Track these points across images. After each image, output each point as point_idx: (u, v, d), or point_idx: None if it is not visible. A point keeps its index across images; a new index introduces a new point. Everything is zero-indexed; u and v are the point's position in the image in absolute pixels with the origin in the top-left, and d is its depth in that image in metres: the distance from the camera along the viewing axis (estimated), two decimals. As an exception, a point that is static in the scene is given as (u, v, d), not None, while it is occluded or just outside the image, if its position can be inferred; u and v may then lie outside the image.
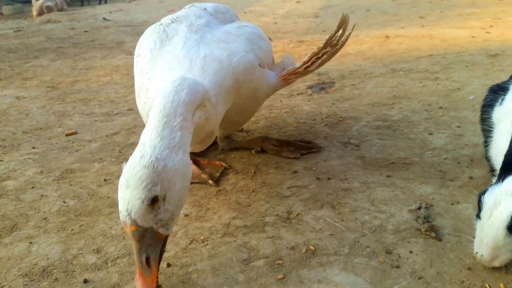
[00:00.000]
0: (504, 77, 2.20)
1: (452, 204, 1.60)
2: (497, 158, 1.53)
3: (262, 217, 1.65)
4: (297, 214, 1.63)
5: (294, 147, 2.16)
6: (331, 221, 1.58)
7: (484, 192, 1.29)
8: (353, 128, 2.39)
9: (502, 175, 1.30)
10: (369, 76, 3.40)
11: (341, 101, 2.87)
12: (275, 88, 1.88)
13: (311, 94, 3.10)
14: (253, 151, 2.19)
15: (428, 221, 1.47)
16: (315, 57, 1.84)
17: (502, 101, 1.63)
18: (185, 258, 1.44)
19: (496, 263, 1.23)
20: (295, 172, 1.97)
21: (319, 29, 6.06)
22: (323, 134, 2.35)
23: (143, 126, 1.46)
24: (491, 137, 1.64)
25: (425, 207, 1.57)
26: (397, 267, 1.32)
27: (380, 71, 3.52)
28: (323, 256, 1.40)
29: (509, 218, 1.18)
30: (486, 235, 1.22)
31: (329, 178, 1.88)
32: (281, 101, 3.02)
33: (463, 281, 1.24)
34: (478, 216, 1.28)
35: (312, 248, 1.43)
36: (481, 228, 1.25)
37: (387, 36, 4.97)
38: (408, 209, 1.58)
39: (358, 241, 1.45)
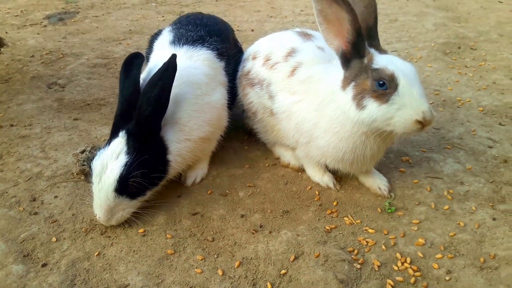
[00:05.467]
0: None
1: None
2: None
3: None
4: (-47, 169, 1.52)
5: None
6: (-13, 174, 1.52)
7: (93, 158, 1.31)
8: (69, 66, 2.29)
9: (110, 138, 1.32)
10: (119, 7, 3.25)
11: (74, 35, 2.70)
12: None
13: (45, 26, 2.82)
14: None
15: (83, 165, 1.53)
16: None
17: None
18: None
19: (113, 222, 1.30)
20: (-23, 120, 1.81)
21: None
22: (33, 74, 2.19)
23: None
24: None
25: (90, 150, 1.62)
26: (35, 213, 1.36)
27: (135, 2, 3.40)
28: (-43, 213, 1.35)
29: (116, 182, 1.24)
30: (99, 198, 1.27)
31: (12, 125, 1.78)
32: (6, 33, 2.68)
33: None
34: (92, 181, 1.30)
35: None
36: (95, 191, 1.29)
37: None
38: (73, 153, 1.62)
39: (6, 192, 1.44)
